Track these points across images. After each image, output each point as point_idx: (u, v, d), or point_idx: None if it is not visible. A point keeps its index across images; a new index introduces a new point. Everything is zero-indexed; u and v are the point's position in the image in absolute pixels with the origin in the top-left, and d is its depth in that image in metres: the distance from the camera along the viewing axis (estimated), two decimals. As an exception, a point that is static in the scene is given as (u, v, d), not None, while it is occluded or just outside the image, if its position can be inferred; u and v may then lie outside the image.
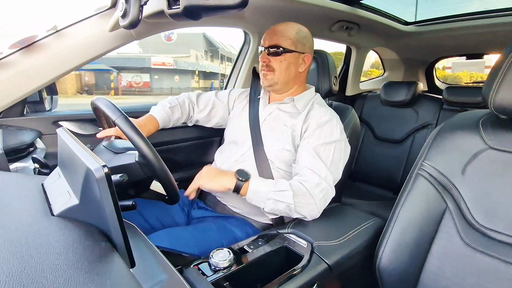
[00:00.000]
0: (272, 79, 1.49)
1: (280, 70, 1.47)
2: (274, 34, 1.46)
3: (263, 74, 1.50)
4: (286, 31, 1.46)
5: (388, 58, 3.53)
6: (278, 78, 1.48)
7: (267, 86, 1.52)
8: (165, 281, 0.71)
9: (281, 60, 1.46)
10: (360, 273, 1.30)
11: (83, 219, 0.69)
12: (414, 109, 2.81)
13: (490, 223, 0.99)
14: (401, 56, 3.39)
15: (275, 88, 1.52)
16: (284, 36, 1.45)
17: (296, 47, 1.47)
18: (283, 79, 1.49)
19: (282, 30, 1.46)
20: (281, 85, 1.51)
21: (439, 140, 1.15)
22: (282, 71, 1.47)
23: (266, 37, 1.48)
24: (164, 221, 1.48)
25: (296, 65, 1.50)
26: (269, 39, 1.47)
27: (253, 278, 1.04)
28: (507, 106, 0.97)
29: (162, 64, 29.68)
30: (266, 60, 1.46)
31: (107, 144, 1.21)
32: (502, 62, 0.98)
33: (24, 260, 0.51)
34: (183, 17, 0.87)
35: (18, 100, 1.40)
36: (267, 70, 1.48)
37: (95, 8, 1.40)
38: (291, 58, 1.47)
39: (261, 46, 1.50)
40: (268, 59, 1.46)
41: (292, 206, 1.26)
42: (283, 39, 1.45)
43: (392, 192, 2.85)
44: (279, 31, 1.46)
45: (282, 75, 1.48)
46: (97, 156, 0.66)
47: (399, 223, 1.15)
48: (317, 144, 1.36)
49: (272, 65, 1.47)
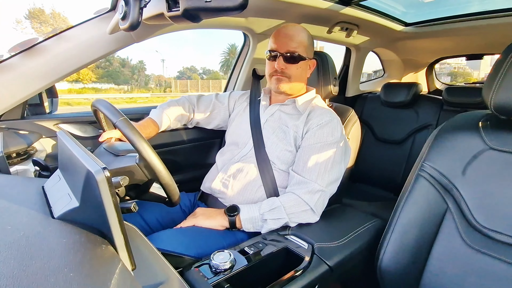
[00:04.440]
0: (287, 85, 1.48)
1: (295, 77, 1.47)
2: (291, 40, 1.44)
3: (277, 80, 1.48)
4: (300, 37, 1.45)
5: (387, 59, 3.54)
6: (292, 84, 1.48)
7: (279, 90, 1.51)
8: (166, 283, 0.71)
9: (297, 67, 1.46)
10: (361, 274, 1.30)
11: (83, 221, 0.69)
12: (414, 109, 2.81)
13: (491, 223, 0.99)
14: (401, 57, 3.39)
15: (286, 93, 1.52)
16: (299, 43, 1.44)
17: (308, 54, 1.48)
18: (296, 85, 1.50)
19: (296, 36, 1.45)
20: (292, 90, 1.52)
21: (439, 140, 1.15)
22: (297, 78, 1.48)
23: (281, 41, 1.45)
24: (164, 223, 1.49)
25: (306, 71, 1.51)
26: (285, 44, 1.44)
27: (254, 280, 1.04)
28: (507, 107, 0.97)
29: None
30: (283, 67, 1.45)
31: (108, 146, 1.21)
32: (502, 62, 0.98)
33: (25, 263, 0.51)
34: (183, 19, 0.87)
35: (19, 103, 1.40)
36: (282, 76, 1.47)
37: (95, 11, 1.40)
38: (304, 65, 1.48)
39: (271, 50, 1.47)
40: (285, 66, 1.45)
41: (287, 219, 1.29)
42: (299, 45, 1.44)
43: (393, 193, 2.84)
44: (294, 37, 1.44)
45: (296, 82, 1.49)
46: (97, 159, 0.66)
47: (400, 224, 1.15)
48: (318, 145, 1.37)
49: (288, 72, 1.46)
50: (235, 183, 1.45)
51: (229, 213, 1.31)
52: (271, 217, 1.29)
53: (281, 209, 1.28)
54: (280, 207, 1.29)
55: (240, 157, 1.51)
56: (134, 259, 0.65)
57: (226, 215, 1.31)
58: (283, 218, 1.29)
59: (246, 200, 1.43)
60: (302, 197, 1.30)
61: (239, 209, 1.32)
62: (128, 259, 0.64)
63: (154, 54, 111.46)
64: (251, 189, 1.44)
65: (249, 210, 1.32)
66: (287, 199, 1.31)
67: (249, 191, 1.44)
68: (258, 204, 1.33)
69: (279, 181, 1.44)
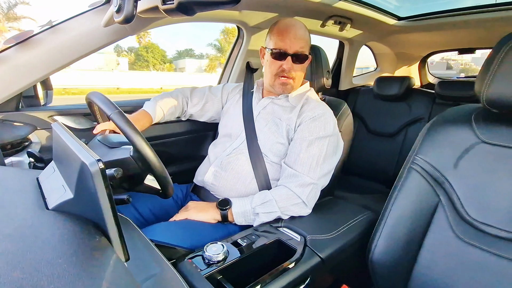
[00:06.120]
0: (291, 87, 1.49)
1: (299, 77, 1.48)
2: (299, 39, 1.42)
3: (282, 84, 1.47)
4: (305, 35, 1.45)
5: (381, 53, 3.54)
6: (296, 85, 1.50)
7: (284, 93, 1.51)
8: (159, 274, 0.71)
9: (302, 67, 1.46)
10: (353, 266, 1.32)
11: (77, 213, 0.69)
12: (407, 103, 2.83)
13: (482, 217, 1.01)
14: (394, 51, 3.40)
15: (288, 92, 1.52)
16: (305, 41, 1.44)
17: (309, 52, 1.48)
18: (297, 85, 1.51)
19: (303, 34, 1.44)
20: (293, 89, 1.52)
21: (431, 134, 1.16)
22: (300, 77, 1.49)
23: (289, 40, 1.41)
24: (158, 215, 1.50)
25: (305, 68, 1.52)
26: (294, 44, 1.41)
27: (247, 271, 1.05)
28: (499, 100, 0.98)
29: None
30: (291, 67, 1.44)
31: (102, 138, 1.22)
32: (494, 57, 0.99)
33: (19, 254, 0.51)
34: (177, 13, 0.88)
35: (14, 95, 1.40)
36: (288, 79, 1.46)
37: (90, 4, 1.40)
38: (307, 64, 1.49)
39: (280, 49, 1.42)
40: (293, 66, 1.44)
41: (279, 212, 1.30)
42: (305, 44, 1.44)
43: (385, 186, 2.86)
44: (301, 36, 1.43)
45: (299, 82, 1.50)
46: (91, 151, 0.66)
47: (392, 216, 1.16)
48: (310, 138, 1.37)
49: (294, 73, 1.46)
50: (227, 176, 1.46)
51: (221, 207, 1.32)
52: (263, 210, 1.29)
53: (273, 202, 1.29)
54: (272, 201, 1.29)
55: (232, 149, 1.52)
56: (127, 250, 0.65)
57: (218, 209, 1.32)
58: (275, 212, 1.29)
59: (238, 193, 1.43)
60: (294, 190, 1.31)
61: (231, 202, 1.33)
62: (122, 250, 0.64)
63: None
64: (243, 182, 1.44)
65: (241, 204, 1.32)
66: (279, 192, 1.32)
67: (241, 183, 1.45)
68: (250, 197, 1.34)
69: (271, 173, 1.44)
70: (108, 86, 27.92)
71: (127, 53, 56.36)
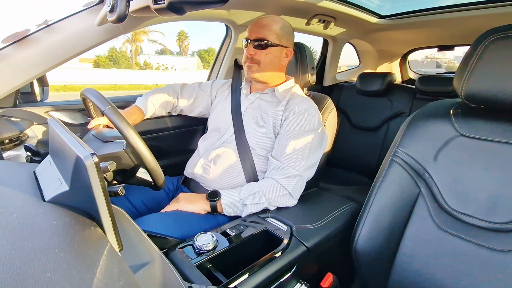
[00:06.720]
0: (256, 71, 1.52)
1: (264, 63, 1.50)
2: (261, 28, 1.48)
3: (248, 66, 1.52)
4: (272, 25, 1.49)
5: (363, 50, 3.56)
6: (262, 70, 1.52)
7: (251, 77, 1.55)
8: (152, 263, 0.73)
9: (266, 53, 1.49)
10: (337, 255, 1.34)
11: (73, 204, 0.71)
12: (389, 98, 2.87)
13: (461, 207, 1.04)
14: (376, 48, 3.42)
15: (258, 79, 1.55)
16: (270, 30, 1.48)
17: (281, 41, 1.50)
18: (267, 71, 1.53)
19: (268, 24, 1.49)
20: (264, 77, 1.55)
21: (412, 127, 1.19)
22: (266, 64, 1.51)
23: (252, 30, 1.50)
24: (150, 206, 1.53)
25: (279, 58, 1.53)
26: (255, 32, 1.49)
27: (236, 260, 1.08)
28: (476, 95, 1.02)
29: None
30: (252, 52, 1.49)
31: (96, 133, 1.23)
32: (472, 53, 1.02)
33: (17, 244, 0.53)
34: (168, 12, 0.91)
35: (11, 92, 1.42)
36: (252, 62, 1.51)
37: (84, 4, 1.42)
38: (276, 52, 1.51)
39: (245, 39, 1.52)
40: (254, 52, 1.49)
41: (266, 203, 1.33)
42: (269, 33, 1.47)
43: (368, 178, 2.92)
44: (265, 25, 1.48)
45: (266, 68, 1.52)
46: (86, 145, 0.68)
47: (375, 207, 1.19)
48: (296, 131, 1.41)
49: (257, 58, 1.49)
50: (216, 168, 1.49)
51: (210, 198, 1.35)
52: (250, 202, 1.33)
53: (260, 194, 1.33)
54: (259, 192, 1.33)
55: (221, 143, 1.55)
56: (121, 240, 0.67)
57: (208, 200, 1.35)
58: (262, 203, 1.33)
59: (226, 185, 1.47)
60: (280, 182, 1.34)
61: (220, 194, 1.36)
62: (116, 241, 0.66)
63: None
64: (231, 174, 1.48)
65: (230, 195, 1.36)
66: (266, 184, 1.35)
67: (229, 176, 1.48)
68: (238, 189, 1.37)
69: (258, 166, 1.48)
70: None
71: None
